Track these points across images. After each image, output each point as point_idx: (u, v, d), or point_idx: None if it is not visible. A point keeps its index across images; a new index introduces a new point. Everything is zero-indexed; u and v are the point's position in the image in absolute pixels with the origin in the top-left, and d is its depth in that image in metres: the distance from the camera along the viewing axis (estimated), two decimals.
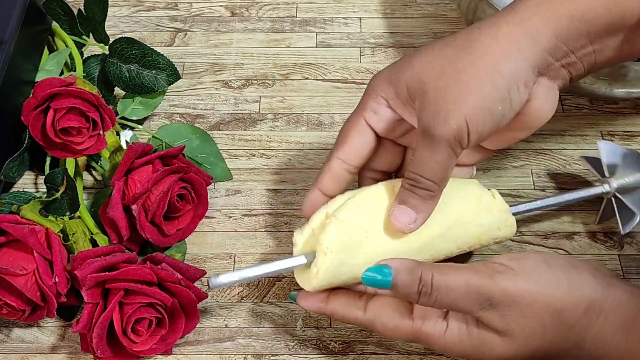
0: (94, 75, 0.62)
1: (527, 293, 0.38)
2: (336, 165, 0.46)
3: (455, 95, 0.40)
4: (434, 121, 0.41)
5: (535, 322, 0.39)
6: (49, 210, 0.53)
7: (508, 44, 0.41)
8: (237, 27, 0.71)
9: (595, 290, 0.39)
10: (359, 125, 0.46)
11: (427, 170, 0.42)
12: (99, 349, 0.47)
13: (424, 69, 0.42)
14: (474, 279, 0.39)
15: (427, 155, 0.41)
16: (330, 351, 0.51)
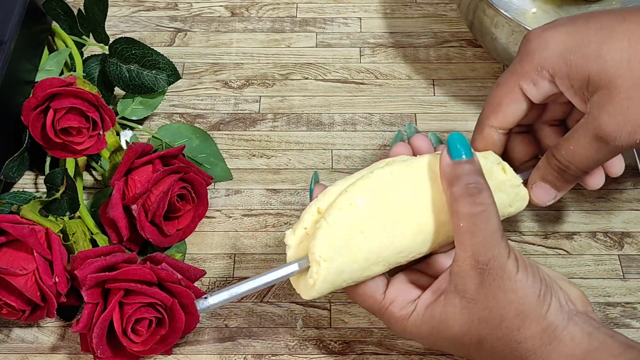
0: (94, 75, 0.62)
1: (515, 279, 0.39)
2: (490, 132, 0.45)
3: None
4: (617, 131, 0.39)
5: (498, 310, 0.39)
6: (49, 210, 0.53)
7: None
8: (237, 27, 0.71)
9: (556, 318, 0.40)
10: (514, 93, 0.43)
11: (582, 164, 0.42)
12: (99, 349, 0.47)
13: (618, 66, 0.38)
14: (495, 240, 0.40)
15: (590, 154, 0.41)
16: (330, 351, 0.51)
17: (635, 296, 0.53)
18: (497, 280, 0.39)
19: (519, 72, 0.43)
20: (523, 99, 0.44)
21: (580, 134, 0.41)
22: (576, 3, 0.65)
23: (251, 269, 0.55)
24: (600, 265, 0.55)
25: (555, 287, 0.41)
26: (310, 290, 0.42)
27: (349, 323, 0.52)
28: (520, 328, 0.39)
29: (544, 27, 0.42)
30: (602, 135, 0.40)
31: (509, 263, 0.39)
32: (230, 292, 0.42)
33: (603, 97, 0.39)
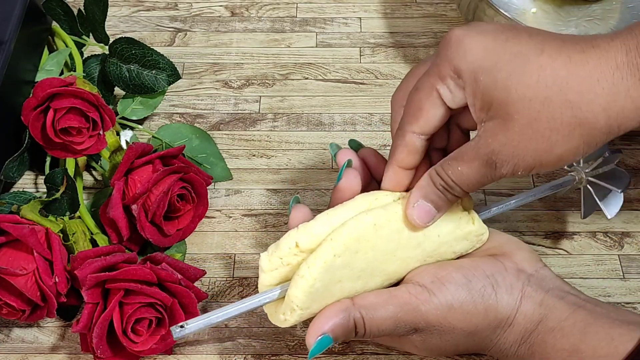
0: (94, 75, 0.62)
1: (447, 322, 0.42)
2: (413, 139, 0.43)
3: (539, 146, 0.38)
4: (505, 161, 0.39)
5: (450, 343, 0.43)
6: (49, 210, 0.53)
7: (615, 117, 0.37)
8: (237, 27, 0.71)
9: (507, 308, 0.42)
10: (432, 97, 0.42)
11: (468, 186, 0.41)
12: (99, 349, 0.47)
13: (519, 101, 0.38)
14: (401, 313, 0.42)
15: (477, 178, 0.41)
16: (330, 351, 0.51)
17: (635, 296, 0.53)
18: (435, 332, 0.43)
19: (436, 76, 0.42)
20: (441, 104, 0.42)
21: (470, 157, 0.40)
22: (576, 3, 0.65)
23: (251, 269, 0.55)
24: (600, 265, 0.55)
25: (499, 276, 0.43)
26: (281, 324, 0.43)
27: None
28: (474, 339, 0.43)
29: (467, 31, 0.40)
30: (492, 162, 0.39)
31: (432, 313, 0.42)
32: (207, 321, 0.42)
33: (498, 125, 0.39)
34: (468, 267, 0.43)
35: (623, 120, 0.37)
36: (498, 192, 0.58)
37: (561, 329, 0.41)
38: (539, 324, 0.42)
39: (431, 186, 0.42)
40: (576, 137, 0.38)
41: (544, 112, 0.37)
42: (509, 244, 0.45)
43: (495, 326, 0.43)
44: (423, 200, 0.42)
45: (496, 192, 0.58)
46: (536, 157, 0.38)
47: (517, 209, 0.57)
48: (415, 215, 0.42)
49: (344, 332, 0.42)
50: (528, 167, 0.39)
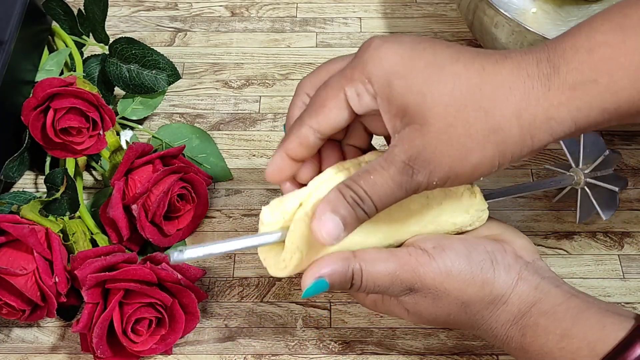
0: (94, 75, 0.62)
1: (442, 287, 0.42)
2: (308, 133, 0.42)
3: (454, 153, 0.38)
4: (420, 167, 0.38)
5: (442, 311, 0.43)
6: (49, 210, 0.53)
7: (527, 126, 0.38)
8: (237, 27, 0.71)
9: (504, 286, 0.43)
10: (338, 98, 0.41)
11: (380, 199, 0.39)
12: (99, 349, 0.47)
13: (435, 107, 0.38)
14: (399, 271, 0.42)
15: (391, 189, 0.39)
16: (330, 351, 0.51)
17: (635, 296, 0.53)
18: (429, 295, 0.43)
19: (347, 77, 0.41)
20: (345, 107, 0.41)
21: (384, 165, 0.39)
22: (576, 3, 0.65)
23: (251, 269, 0.55)
24: (600, 265, 0.55)
25: (499, 254, 0.43)
26: (280, 272, 0.43)
27: (349, 323, 0.52)
28: (466, 312, 0.43)
29: (386, 39, 0.40)
30: (408, 168, 0.38)
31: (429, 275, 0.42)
32: (206, 250, 0.40)
33: (415, 132, 0.38)
34: (470, 241, 0.44)
35: (536, 132, 0.38)
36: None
37: (554, 313, 0.41)
38: (533, 307, 0.42)
39: (340, 199, 0.39)
40: (491, 145, 0.38)
41: (459, 118, 0.37)
42: (509, 232, 0.46)
43: (489, 302, 0.43)
44: (331, 214, 0.39)
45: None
46: (451, 164, 0.38)
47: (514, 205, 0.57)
48: (323, 230, 0.39)
49: (341, 279, 0.41)
50: (444, 175, 0.38)
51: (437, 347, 0.51)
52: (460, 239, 0.44)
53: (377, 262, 0.42)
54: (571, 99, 0.37)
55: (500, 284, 0.43)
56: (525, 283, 0.43)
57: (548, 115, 0.37)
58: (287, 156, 0.43)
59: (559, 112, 0.37)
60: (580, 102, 0.37)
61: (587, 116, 0.38)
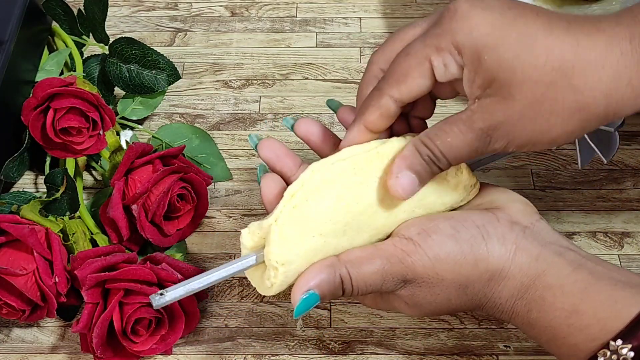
0: (94, 75, 0.62)
1: (434, 272, 0.41)
2: (389, 103, 0.41)
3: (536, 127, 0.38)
4: (498, 136, 0.38)
5: (441, 297, 0.42)
6: (49, 210, 0.53)
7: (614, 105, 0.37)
8: (237, 27, 0.71)
9: (500, 260, 0.41)
10: (423, 67, 0.40)
11: (455, 158, 0.40)
12: (99, 349, 0.47)
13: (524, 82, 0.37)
14: (387, 266, 0.41)
15: (466, 151, 0.39)
16: (330, 351, 0.51)
17: None
18: (423, 284, 0.41)
19: (434, 46, 0.39)
20: (429, 75, 0.40)
21: (462, 130, 0.39)
22: (577, 3, 0.65)
23: None
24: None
25: (490, 226, 0.41)
26: (267, 291, 0.41)
27: (349, 323, 0.52)
28: (466, 293, 0.42)
29: (472, 5, 0.39)
30: (487, 136, 0.38)
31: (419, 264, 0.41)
32: (186, 288, 0.40)
33: (498, 103, 0.38)
34: (457, 218, 0.42)
35: (621, 108, 0.37)
36: None
37: (560, 287, 0.40)
38: (536, 279, 0.40)
39: (417, 156, 0.40)
40: (575, 121, 0.37)
41: (547, 95, 0.37)
42: (502, 197, 0.44)
43: (487, 278, 0.41)
44: (407, 171, 0.40)
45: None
46: (532, 137, 0.38)
47: None
48: (400, 186, 0.40)
49: (330, 288, 0.40)
50: (521, 145, 0.39)
51: (437, 347, 0.51)
52: (446, 217, 0.42)
53: (364, 262, 0.41)
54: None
55: (495, 258, 0.41)
56: (525, 253, 0.41)
57: (636, 94, 0.37)
58: (365, 129, 0.42)
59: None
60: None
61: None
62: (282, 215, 0.39)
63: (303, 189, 0.40)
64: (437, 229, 0.41)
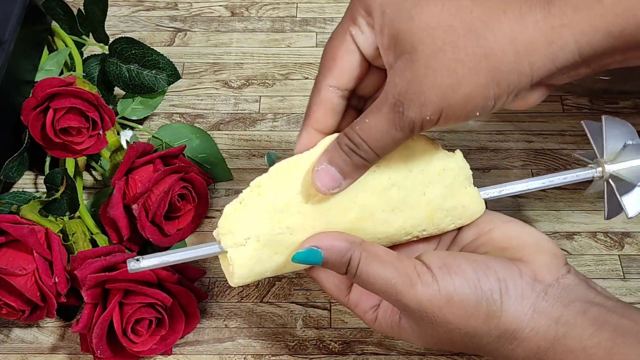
0: (93, 75, 0.62)
1: (441, 313, 0.38)
2: (329, 94, 0.40)
3: (444, 81, 0.35)
4: (410, 101, 0.36)
5: (444, 337, 0.39)
6: (49, 210, 0.53)
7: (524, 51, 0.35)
8: (237, 27, 0.71)
9: (514, 320, 0.38)
10: (346, 42, 0.39)
11: (378, 143, 0.37)
12: (99, 349, 0.47)
13: (423, 30, 0.35)
14: (395, 280, 0.38)
15: (386, 130, 0.37)
16: (330, 351, 0.51)
17: (636, 296, 0.53)
18: (425, 319, 0.39)
19: (349, 18, 0.38)
20: (355, 49, 0.39)
21: (378, 106, 0.37)
22: None
23: None
24: (601, 265, 0.55)
25: (511, 282, 0.39)
26: (232, 277, 0.40)
27: (349, 323, 0.52)
28: (472, 342, 0.39)
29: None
30: (399, 104, 0.36)
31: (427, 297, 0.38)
32: (162, 259, 0.40)
33: (405, 62, 0.36)
34: (481, 263, 0.39)
35: (534, 57, 0.35)
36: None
37: (583, 350, 0.37)
38: (555, 342, 0.38)
39: (336, 149, 0.38)
40: (483, 71, 0.35)
41: (447, 41, 0.35)
42: (530, 245, 0.41)
43: (497, 335, 0.39)
44: (327, 164, 0.38)
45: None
46: (443, 94, 0.35)
47: (514, 205, 0.57)
48: (318, 180, 0.38)
49: (337, 260, 0.39)
50: (436, 108, 0.35)
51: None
52: (471, 260, 0.39)
53: (378, 262, 0.39)
54: (574, 22, 0.34)
55: (509, 318, 0.38)
56: (543, 316, 0.38)
57: (548, 39, 0.34)
58: (314, 130, 0.41)
59: (561, 36, 0.34)
60: (583, 25, 0.34)
61: (591, 40, 0.34)
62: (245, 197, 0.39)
63: (269, 178, 0.39)
64: (459, 269, 0.39)
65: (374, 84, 0.42)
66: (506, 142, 0.61)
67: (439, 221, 0.42)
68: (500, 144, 0.61)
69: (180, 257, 0.40)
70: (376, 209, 0.40)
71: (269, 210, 0.39)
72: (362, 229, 0.40)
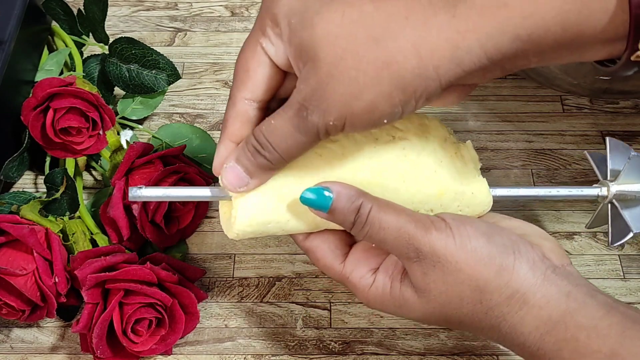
0: (93, 75, 0.62)
1: (454, 260, 0.38)
2: (244, 106, 0.40)
3: (346, 89, 0.35)
4: (313, 107, 0.36)
5: (453, 291, 0.38)
6: (49, 210, 0.53)
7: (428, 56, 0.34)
8: (237, 26, 0.71)
9: (525, 282, 0.38)
10: (257, 54, 0.39)
11: (281, 144, 0.38)
12: (99, 349, 0.47)
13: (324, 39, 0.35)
14: (409, 226, 0.38)
15: (290, 132, 0.37)
16: (330, 351, 0.51)
17: (636, 296, 0.53)
18: (438, 266, 0.38)
19: (259, 29, 0.38)
20: (267, 61, 0.39)
21: (284, 109, 0.37)
22: None
23: (251, 269, 0.55)
24: (601, 265, 0.55)
25: (523, 246, 0.39)
26: (231, 228, 0.40)
27: (349, 323, 0.52)
28: (482, 301, 0.38)
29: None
30: (300, 105, 0.36)
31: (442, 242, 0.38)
32: (164, 192, 0.41)
33: (309, 70, 0.36)
34: (496, 226, 0.39)
35: (440, 62, 0.34)
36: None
37: (595, 328, 0.36)
38: (567, 316, 0.37)
39: (243, 148, 0.39)
40: (385, 79, 0.34)
41: (349, 50, 0.35)
42: (535, 234, 0.41)
43: (508, 295, 0.38)
44: (234, 163, 0.39)
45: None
46: (345, 102, 0.35)
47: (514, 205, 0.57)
48: (225, 178, 0.39)
49: (345, 206, 0.38)
50: (339, 115, 0.36)
51: (437, 347, 0.51)
52: (485, 220, 0.40)
53: (390, 210, 0.38)
54: (479, 25, 0.34)
55: (521, 277, 0.38)
56: (554, 286, 0.38)
57: (453, 44, 0.34)
58: (231, 142, 0.41)
59: (466, 40, 0.34)
60: (489, 28, 0.33)
61: (498, 43, 0.34)
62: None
63: None
64: (473, 222, 0.39)
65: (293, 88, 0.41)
66: (506, 142, 0.61)
67: (447, 203, 0.42)
68: (500, 144, 0.61)
69: (183, 193, 0.41)
70: (387, 176, 0.40)
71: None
72: (371, 192, 0.40)
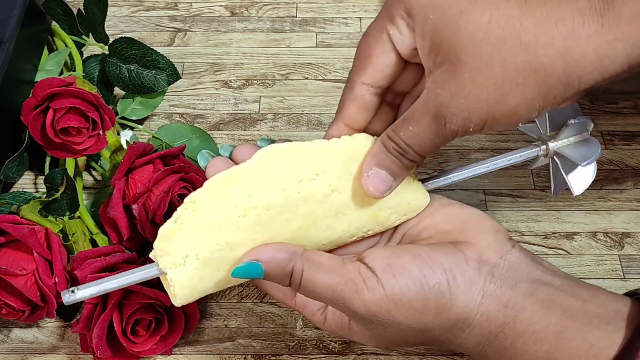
0: (93, 75, 0.62)
1: (391, 315, 0.38)
2: (362, 91, 0.39)
3: (490, 95, 0.35)
4: (454, 115, 0.35)
5: (398, 336, 0.39)
6: (49, 210, 0.53)
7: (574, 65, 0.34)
8: (237, 27, 0.71)
9: (465, 309, 0.38)
10: (382, 41, 0.38)
11: (422, 148, 0.38)
12: (99, 349, 0.47)
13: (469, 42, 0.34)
14: (342, 288, 0.37)
15: (429, 138, 0.37)
16: (330, 351, 0.51)
17: None
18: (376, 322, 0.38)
19: (387, 16, 0.38)
20: (392, 49, 0.38)
21: (420, 114, 0.37)
22: None
23: None
24: (601, 265, 0.55)
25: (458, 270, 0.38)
26: (174, 298, 0.38)
27: None
28: (426, 336, 0.39)
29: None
30: (440, 115, 0.36)
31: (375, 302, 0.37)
32: (98, 288, 0.39)
33: (448, 73, 0.35)
34: (425, 257, 0.38)
35: (584, 71, 0.34)
36: (498, 192, 0.58)
37: (532, 333, 0.37)
38: (505, 327, 0.38)
39: (384, 152, 0.39)
40: (531, 86, 0.34)
41: (495, 55, 0.34)
42: (472, 224, 0.40)
43: (449, 326, 0.38)
44: (377, 168, 0.39)
45: (496, 192, 0.58)
46: (488, 108, 0.35)
47: (514, 205, 0.57)
48: (371, 184, 0.39)
49: (278, 272, 0.38)
50: (480, 121, 0.35)
51: (437, 347, 0.51)
52: (415, 256, 0.38)
53: (322, 270, 0.38)
54: (627, 34, 0.33)
55: (458, 308, 0.38)
56: (492, 301, 0.38)
57: (600, 53, 0.33)
58: (344, 126, 0.40)
59: (614, 50, 0.33)
60: (637, 37, 0.33)
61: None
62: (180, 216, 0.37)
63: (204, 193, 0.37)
64: (403, 269, 0.38)
65: (411, 80, 0.41)
66: (506, 142, 0.61)
67: (383, 220, 0.41)
68: (500, 144, 0.61)
69: (117, 283, 0.39)
70: (319, 216, 0.40)
71: (207, 226, 0.37)
72: (306, 237, 0.40)
